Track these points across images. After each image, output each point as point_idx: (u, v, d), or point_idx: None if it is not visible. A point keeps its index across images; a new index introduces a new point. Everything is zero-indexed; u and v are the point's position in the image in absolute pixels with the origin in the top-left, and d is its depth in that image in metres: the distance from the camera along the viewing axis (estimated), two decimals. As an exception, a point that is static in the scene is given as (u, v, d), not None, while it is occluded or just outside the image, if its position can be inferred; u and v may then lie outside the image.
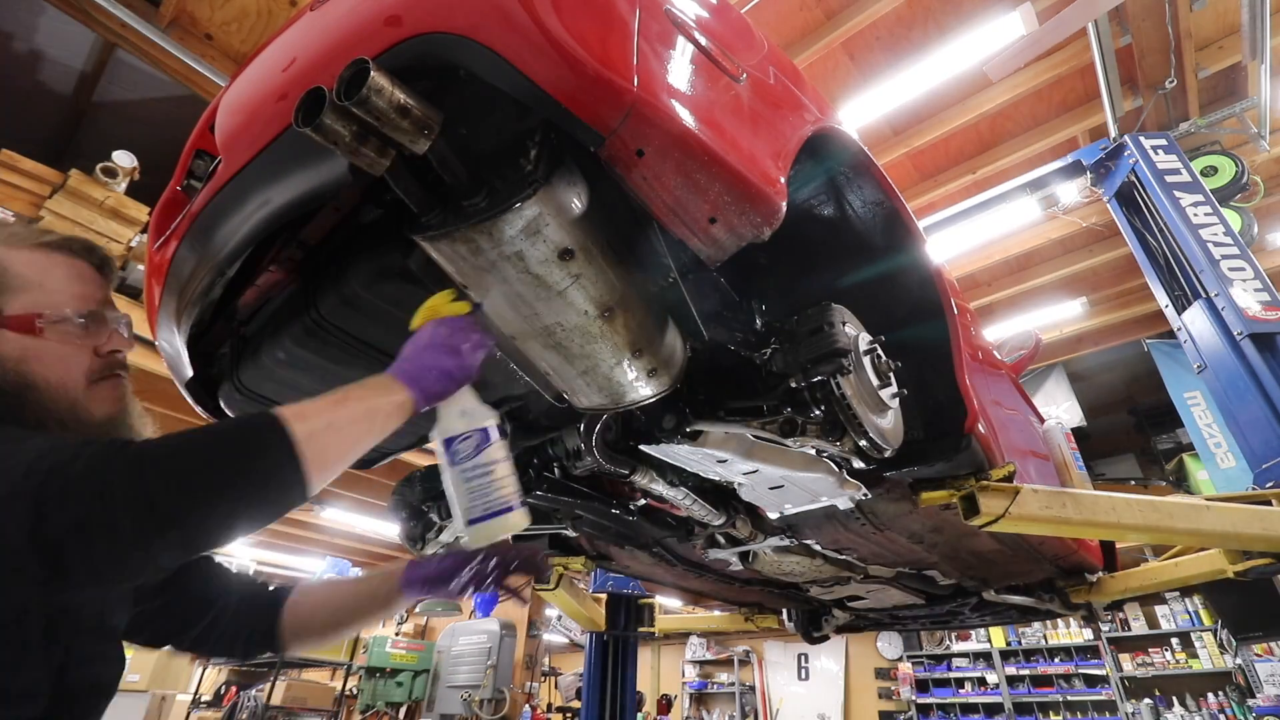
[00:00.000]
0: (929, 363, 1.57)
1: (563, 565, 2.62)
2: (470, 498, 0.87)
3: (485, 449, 0.88)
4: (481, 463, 0.87)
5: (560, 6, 0.76)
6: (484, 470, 0.87)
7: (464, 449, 0.88)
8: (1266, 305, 3.25)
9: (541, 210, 0.83)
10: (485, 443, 0.88)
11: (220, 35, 3.73)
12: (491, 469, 0.87)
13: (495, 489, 0.87)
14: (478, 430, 0.89)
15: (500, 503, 0.87)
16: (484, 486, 0.87)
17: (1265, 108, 4.28)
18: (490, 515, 0.86)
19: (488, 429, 0.89)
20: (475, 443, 0.88)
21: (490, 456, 0.88)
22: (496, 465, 0.88)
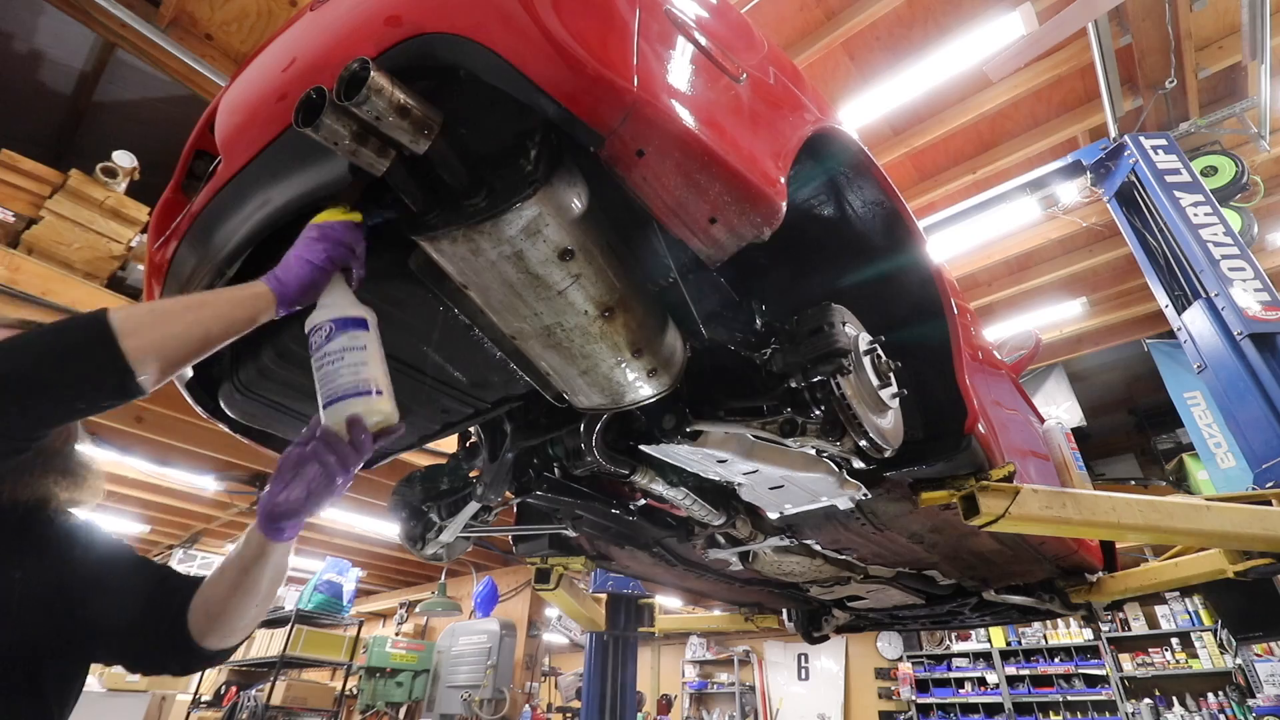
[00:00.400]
0: (929, 363, 1.57)
1: (563, 565, 2.62)
2: (322, 384, 0.86)
3: (336, 337, 0.87)
4: (331, 350, 0.86)
5: (560, 6, 0.76)
6: (334, 357, 0.86)
7: (317, 339, 0.88)
8: (1266, 305, 3.25)
9: (541, 210, 0.83)
10: (336, 331, 0.88)
11: (220, 35, 3.72)
12: (342, 355, 0.86)
13: (346, 374, 0.86)
14: (330, 320, 0.88)
15: (349, 387, 0.85)
16: (335, 372, 0.85)
17: (1265, 108, 4.27)
18: (339, 399, 0.85)
19: (340, 319, 0.89)
20: (326, 332, 0.87)
21: (340, 344, 0.87)
22: (347, 353, 0.87)
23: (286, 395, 1.33)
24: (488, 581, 8.13)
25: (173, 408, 4.70)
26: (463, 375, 1.35)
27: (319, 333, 0.88)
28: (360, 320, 0.91)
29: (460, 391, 1.41)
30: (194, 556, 8.10)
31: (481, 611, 7.91)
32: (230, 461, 5.74)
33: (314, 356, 0.88)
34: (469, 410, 1.49)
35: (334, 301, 0.91)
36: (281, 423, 1.44)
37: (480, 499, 1.64)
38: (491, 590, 8.05)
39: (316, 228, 0.92)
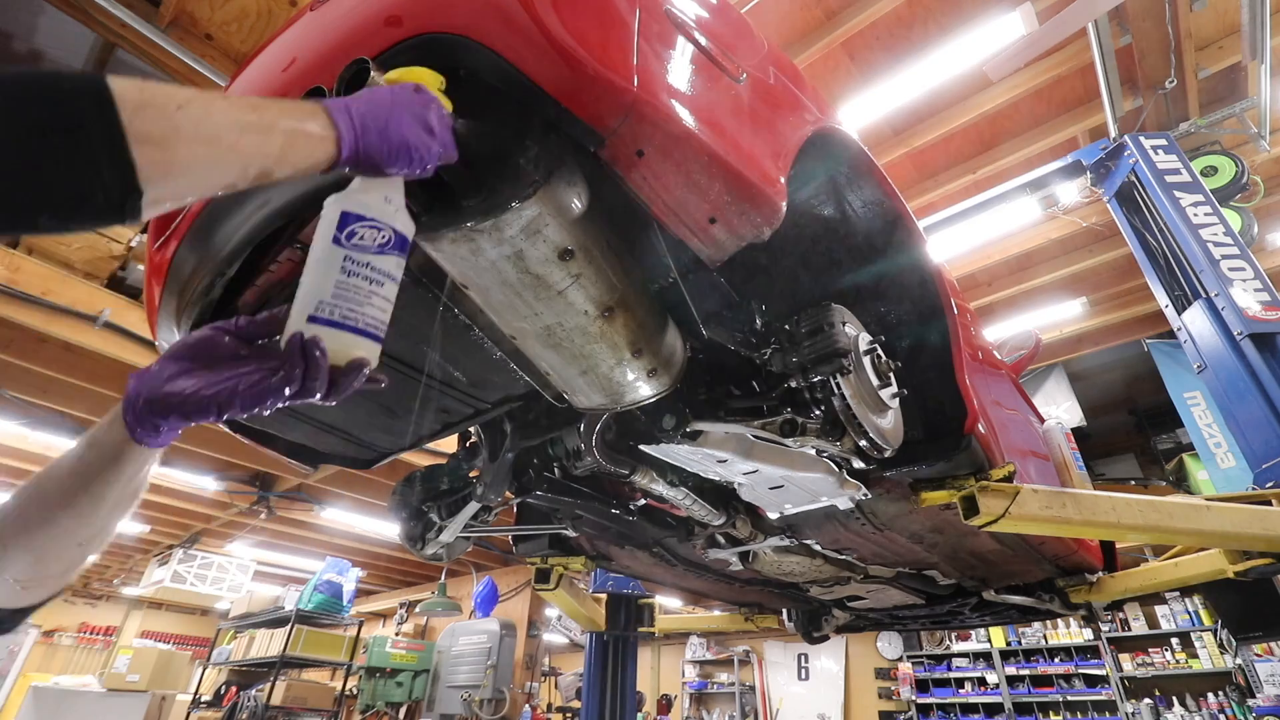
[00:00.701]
0: (929, 363, 1.57)
1: (563, 565, 2.62)
2: (336, 291, 0.64)
3: (390, 252, 0.68)
4: (379, 265, 0.67)
5: (560, 6, 0.76)
6: (375, 276, 0.66)
7: (367, 238, 0.66)
8: (1266, 305, 3.25)
9: (541, 210, 0.83)
10: (393, 249, 0.68)
11: (220, 35, 3.72)
12: (383, 279, 0.67)
13: (377, 305, 0.67)
14: (395, 229, 0.68)
15: (367, 321, 0.66)
16: (366, 294, 0.66)
17: (1265, 108, 4.27)
18: (346, 327, 0.64)
19: (404, 236, 0.69)
20: (384, 240, 0.67)
21: (389, 265, 0.68)
22: (389, 280, 0.68)
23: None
24: (488, 581, 8.13)
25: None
26: (463, 375, 1.35)
27: (376, 231, 0.67)
28: (409, 241, 0.71)
29: (460, 391, 1.41)
30: (194, 556, 8.11)
31: (481, 611, 7.91)
32: (230, 461, 5.75)
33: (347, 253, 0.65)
34: (469, 410, 1.49)
35: (400, 205, 0.70)
36: (282, 422, 1.44)
37: (480, 499, 1.64)
38: (491, 590, 8.05)
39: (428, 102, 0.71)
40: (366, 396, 1.39)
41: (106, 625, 11.88)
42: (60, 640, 11.32)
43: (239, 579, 8.34)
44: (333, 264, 0.66)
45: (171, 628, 12.59)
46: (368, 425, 1.53)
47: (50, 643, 11.14)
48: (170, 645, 8.54)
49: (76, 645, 11.48)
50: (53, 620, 11.28)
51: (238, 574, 8.35)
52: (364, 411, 1.46)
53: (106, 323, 3.77)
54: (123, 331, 3.84)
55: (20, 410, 4.59)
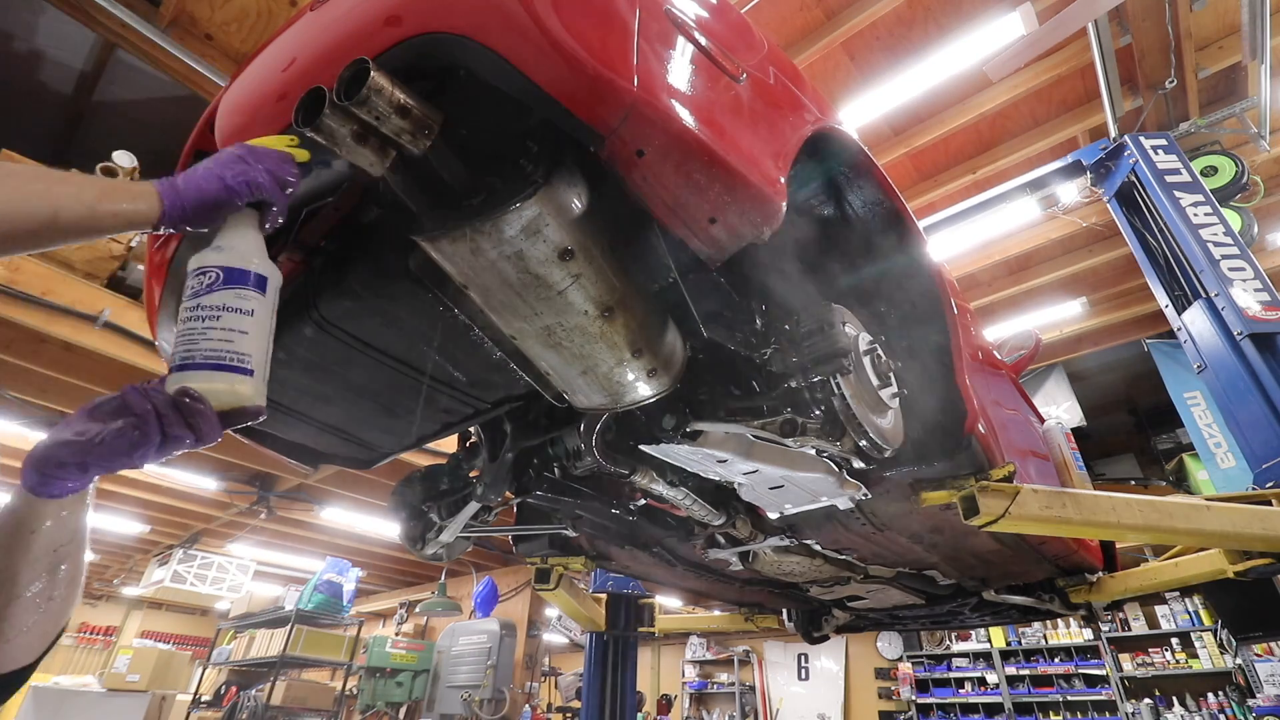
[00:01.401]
0: (929, 363, 1.57)
1: (563, 565, 2.62)
2: (180, 340, 0.69)
3: (218, 290, 0.70)
4: (208, 303, 0.70)
5: (560, 6, 0.76)
6: (208, 313, 0.69)
7: (197, 283, 0.71)
8: (1266, 305, 3.25)
9: (541, 210, 0.83)
10: (222, 282, 0.71)
11: (220, 35, 3.72)
12: (218, 314, 0.69)
13: (215, 339, 0.69)
14: (219, 267, 0.72)
15: (212, 355, 0.68)
16: (201, 332, 0.69)
17: (1265, 108, 4.28)
18: (195, 366, 0.67)
19: (232, 269, 0.72)
20: (210, 280, 0.71)
21: (220, 299, 0.70)
22: (226, 313, 0.70)
23: (287, 395, 1.33)
24: (488, 581, 8.14)
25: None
26: (463, 375, 1.35)
27: (202, 276, 0.72)
28: (259, 277, 0.75)
29: (460, 391, 1.41)
30: (194, 556, 8.11)
31: (481, 611, 7.91)
32: (230, 461, 5.75)
33: (185, 301, 0.71)
34: (469, 410, 1.49)
35: (233, 245, 0.75)
36: (282, 422, 1.44)
37: (480, 499, 1.64)
38: (491, 590, 8.05)
39: (245, 147, 0.78)
40: (366, 397, 1.39)
41: (106, 625, 11.89)
42: (60, 640, 11.32)
43: (239, 579, 8.34)
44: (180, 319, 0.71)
45: (171, 628, 12.59)
46: (368, 425, 1.53)
47: (50, 643, 11.14)
48: (170, 645, 8.55)
49: (76, 645, 11.49)
50: (53, 620, 11.27)
51: (238, 574, 8.36)
52: (364, 411, 1.46)
53: (106, 323, 3.76)
54: (123, 331, 3.84)
55: (20, 410, 4.59)
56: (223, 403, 0.68)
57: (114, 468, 0.64)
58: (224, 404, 0.69)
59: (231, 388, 0.69)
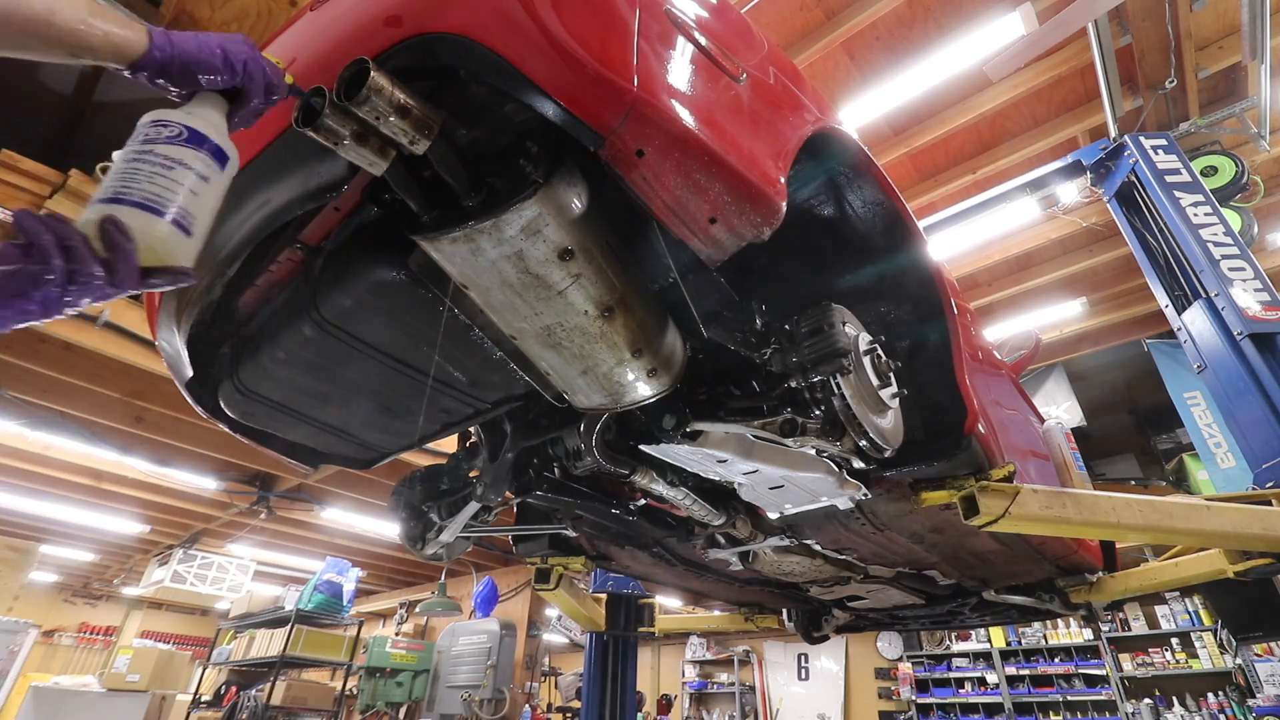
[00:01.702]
0: (929, 363, 1.57)
1: (563, 565, 2.62)
2: (118, 177, 0.64)
3: (177, 143, 0.67)
4: (161, 151, 0.66)
5: (560, 6, 0.76)
6: (157, 159, 0.65)
7: (155, 132, 0.67)
8: (1266, 305, 3.25)
9: (541, 210, 0.83)
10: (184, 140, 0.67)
11: (220, 35, 3.72)
12: (170, 164, 0.66)
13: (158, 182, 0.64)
14: (186, 125, 0.69)
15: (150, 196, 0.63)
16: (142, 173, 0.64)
17: (1265, 108, 4.27)
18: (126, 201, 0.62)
19: (200, 133, 0.69)
20: (173, 133, 0.68)
21: (175, 152, 0.67)
22: (178, 167, 0.66)
23: (287, 395, 1.33)
24: (488, 581, 8.13)
25: (173, 408, 4.70)
26: (463, 375, 1.35)
27: (162, 127, 0.68)
28: (221, 151, 0.71)
29: (460, 391, 1.41)
30: (194, 556, 8.11)
31: (481, 611, 7.91)
32: (230, 461, 5.75)
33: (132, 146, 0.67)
34: (469, 410, 1.49)
35: (204, 115, 0.72)
36: (282, 422, 1.44)
37: (480, 499, 1.64)
38: (491, 590, 8.05)
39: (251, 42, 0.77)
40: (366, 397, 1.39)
41: (106, 625, 11.89)
42: (60, 640, 11.33)
43: (239, 579, 8.34)
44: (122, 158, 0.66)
45: (171, 628, 12.59)
46: (367, 425, 1.53)
47: (50, 643, 11.15)
48: (170, 645, 8.54)
49: (76, 645, 11.49)
50: (53, 620, 11.29)
51: (238, 574, 8.35)
52: (364, 411, 1.46)
53: (106, 323, 3.76)
54: (123, 331, 3.84)
55: (20, 410, 4.59)
56: (151, 248, 0.62)
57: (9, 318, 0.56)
58: (152, 250, 0.62)
59: (164, 235, 0.63)
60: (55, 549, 8.74)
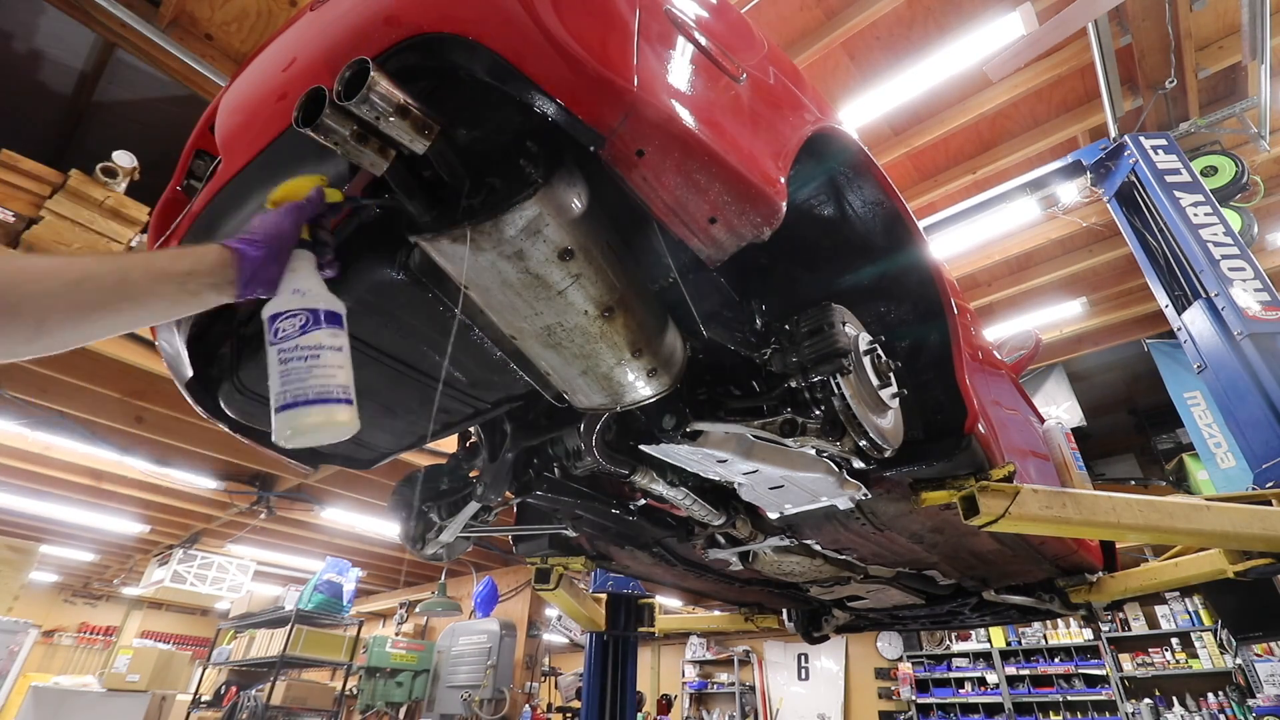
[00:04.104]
0: (929, 363, 1.57)
1: (563, 565, 2.62)
2: (285, 380, 0.76)
3: (311, 331, 0.77)
4: (307, 344, 0.77)
5: (560, 6, 0.76)
6: (308, 353, 0.77)
7: (287, 327, 0.78)
8: (1266, 305, 3.25)
9: (541, 210, 0.83)
10: (313, 325, 0.78)
11: (220, 35, 3.72)
12: (317, 354, 0.77)
13: (317, 375, 0.76)
14: (306, 310, 0.79)
15: (320, 390, 0.76)
16: (303, 370, 0.76)
17: (1265, 108, 4.27)
18: (304, 403, 0.75)
19: (319, 311, 0.80)
20: (301, 322, 0.78)
21: (318, 340, 0.78)
22: (325, 351, 0.78)
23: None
24: (488, 581, 8.13)
25: (173, 408, 4.70)
26: (462, 375, 1.35)
27: (291, 319, 0.78)
28: (339, 316, 0.82)
29: (460, 391, 1.41)
30: (194, 556, 8.11)
31: (481, 611, 7.91)
32: (230, 461, 5.75)
33: (279, 347, 0.77)
34: (469, 410, 1.49)
35: (310, 288, 0.81)
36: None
37: (480, 499, 1.64)
38: (491, 590, 8.05)
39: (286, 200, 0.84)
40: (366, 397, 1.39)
41: (106, 625, 11.89)
42: (60, 640, 11.33)
43: (239, 579, 8.34)
44: (275, 362, 0.77)
45: (171, 628, 12.59)
46: (367, 425, 1.53)
47: (50, 643, 11.15)
48: (170, 645, 8.54)
49: (76, 645, 11.48)
50: (53, 620, 11.29)
51: (238, 574, 8.35)
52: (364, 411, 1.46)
53: (106, 323, 3.76)
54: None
55: (20, 410, 4.59)
56: (335, 430, 0.78)
57: None
58: (335, 431, 0.78)
59: (337, 417, 0.78)
60: (55, 549, 8.74)
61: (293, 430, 0.75)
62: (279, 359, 0.77)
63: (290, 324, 0.77)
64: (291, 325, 0.77)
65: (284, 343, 0.77)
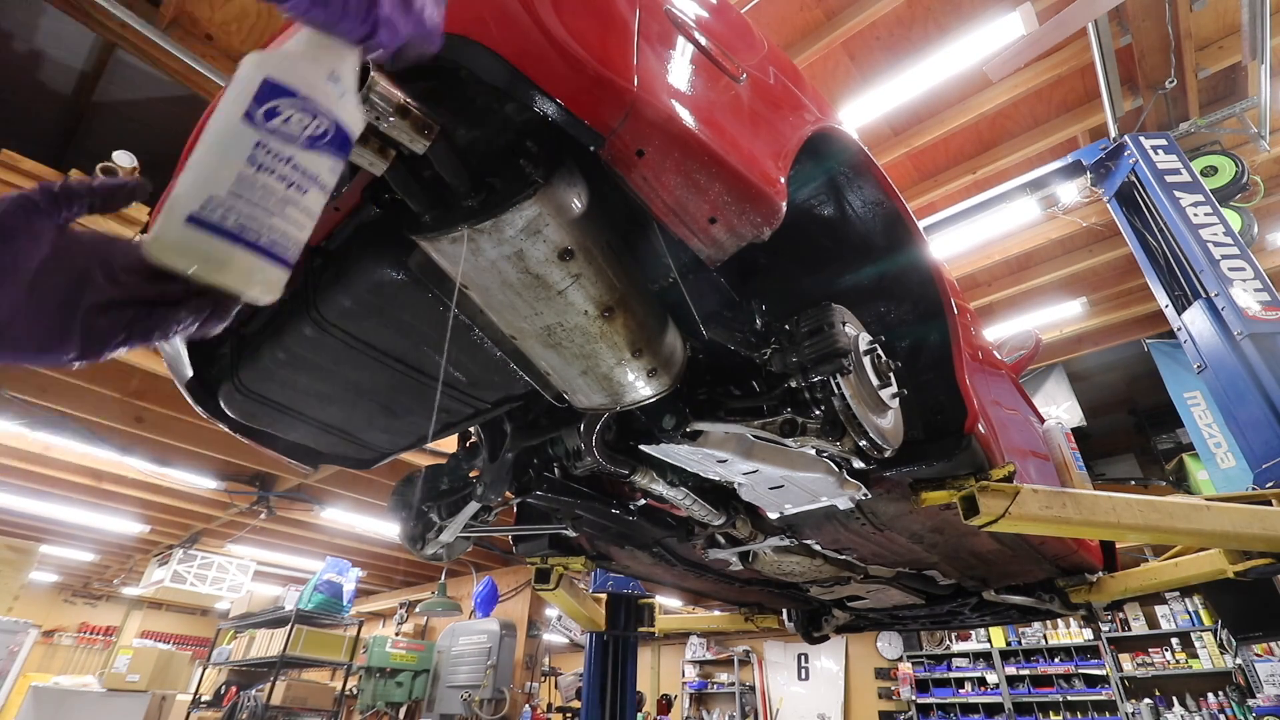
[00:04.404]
0: (929, 363, 1.57)
1: (563, 565, 2.62)
2: (239, 191, 0.48)
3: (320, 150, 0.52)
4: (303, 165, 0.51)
5: (560, 6, 0.76)
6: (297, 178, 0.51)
7: (294, 123, 0.51)
8: (1266, 305, 3.25)
9: (541, 210, 0.83)
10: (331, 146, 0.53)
11: (220, 35, 3.72)
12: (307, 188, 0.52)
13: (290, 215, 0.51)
14: (336, 120, 0.53)
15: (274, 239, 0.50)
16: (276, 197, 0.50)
17: (1265, 108, 4.28)
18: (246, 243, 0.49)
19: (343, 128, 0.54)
20: (319, 130, 0.52)
21: (317, 165, 0.52)
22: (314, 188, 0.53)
23: (287, 395, 1.33)
24: (488, 581, 8.13)
25: (173, 408, 4.70)
26: (462, 375, 1.35)
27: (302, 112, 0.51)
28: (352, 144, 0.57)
29: (460, 391, 1.41)
30: (194, 556, 8.11)
31: (481, 611, 7.91)
32: (230, 461, 5.75)
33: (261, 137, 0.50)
34: (469, 410, 1.49)
35: (351, 88, 0.56)
36: (282, 423, 1.44)
37: (480, 499, 1.64)
38: (491, 590, 8.05)
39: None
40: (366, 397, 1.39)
41: (106, 625, 11.89)
42: (60, 640, 11.33)
43: (239, 579, 8.34)
44: (237, 147, 0.49)
45: (171, 628, 12.60)
46: (368, 425, 1.53)
47: (50, 643, 11.15)
48: (170, 645, 8.54)
49: (76, 645, 11.49)
50: (53, 620, 11.29)
51: (238, 574, 8.36)
52: (364, 411, 1.46)
53: (106, 323, 3.76)
54: (123, 331, 3.83)
55: (20, 410, 4.59)
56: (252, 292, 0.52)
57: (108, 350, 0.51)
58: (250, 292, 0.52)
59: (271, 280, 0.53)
60: (55, 549, 8.74)
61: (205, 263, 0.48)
62: (248, 157, 0.49)
63: (300, 121, 0.51)
64: (301, 123, 0.51)
65: (273, 138, 0.50)
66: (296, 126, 0.51)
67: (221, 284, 0.50)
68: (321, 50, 0.52)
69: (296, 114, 0.50)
